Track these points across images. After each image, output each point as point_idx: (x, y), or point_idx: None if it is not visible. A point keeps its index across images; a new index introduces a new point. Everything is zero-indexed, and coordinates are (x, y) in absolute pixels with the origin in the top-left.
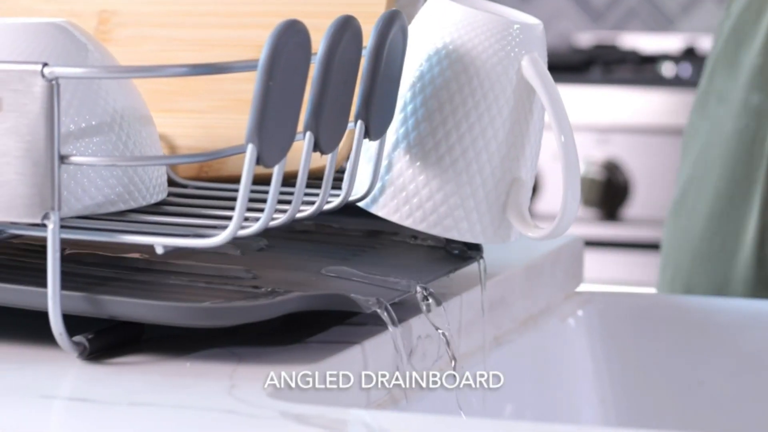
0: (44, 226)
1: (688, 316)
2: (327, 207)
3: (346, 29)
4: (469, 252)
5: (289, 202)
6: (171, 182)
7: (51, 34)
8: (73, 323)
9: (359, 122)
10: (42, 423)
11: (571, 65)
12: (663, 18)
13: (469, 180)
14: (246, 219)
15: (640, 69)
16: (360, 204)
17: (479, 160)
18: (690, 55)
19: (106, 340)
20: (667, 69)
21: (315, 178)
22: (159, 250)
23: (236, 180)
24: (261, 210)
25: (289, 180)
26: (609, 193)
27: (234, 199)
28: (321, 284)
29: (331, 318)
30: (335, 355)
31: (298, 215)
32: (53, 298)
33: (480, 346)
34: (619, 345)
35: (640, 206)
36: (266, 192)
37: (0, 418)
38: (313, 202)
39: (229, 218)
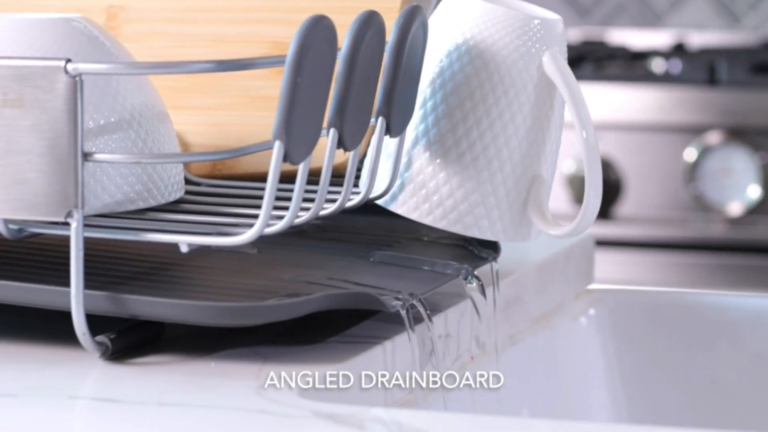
0: (67, 224)
1: (699, 314)
2: (348, 204)
3: (370, 25)
4: (485, 251)
5: (308, 200)
6: (185, 180)
7: (66, 29)
8: (89, 323)
9: (380, 119)
10: (72, 424)
11: None
12: (651, 14)
13: (490, 177)
14: None
15: (630, 65)
16: (379, 201)
17: (500, 157)
18: (679, 51)
19: (128, 340)
20: (657, 65)
21: (332, 176)
22: (184, 249)
23: (249, 178)
24: (281, 208)
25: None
26: None
27: (251, 196)
28: (343, 283)
29: (345, 314)
30: (359, 354)
31: (321, 212)
32: (76, 298)
33: (495, 345)
34: (631, 343)
35: (632, 204)
36: (285, 190)
37: (28, 419)
38: (332, 200)
39: (251, 216)
